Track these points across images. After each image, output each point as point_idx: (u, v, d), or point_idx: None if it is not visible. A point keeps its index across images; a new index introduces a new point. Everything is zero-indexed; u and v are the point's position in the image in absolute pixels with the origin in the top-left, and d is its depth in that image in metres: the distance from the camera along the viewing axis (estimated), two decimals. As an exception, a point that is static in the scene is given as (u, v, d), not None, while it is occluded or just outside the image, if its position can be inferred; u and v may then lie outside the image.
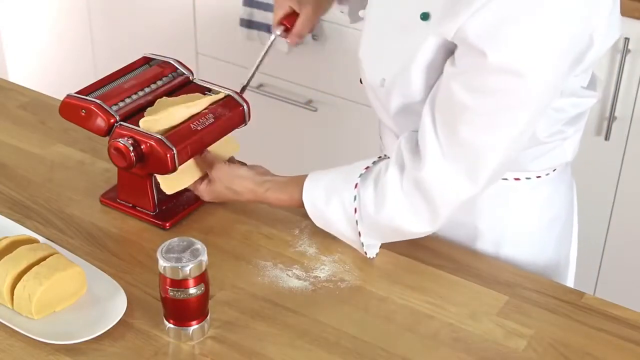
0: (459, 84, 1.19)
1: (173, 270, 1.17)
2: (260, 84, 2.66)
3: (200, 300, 1.21)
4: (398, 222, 1.30)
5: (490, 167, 1.24)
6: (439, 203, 1.26)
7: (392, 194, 1.29)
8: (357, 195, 1.32)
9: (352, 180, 1.34)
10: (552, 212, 1.47)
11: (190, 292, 1.19)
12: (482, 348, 1.23)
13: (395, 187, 1.28)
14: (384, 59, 1.33)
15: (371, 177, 1.33)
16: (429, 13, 1.23)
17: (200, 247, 1.20)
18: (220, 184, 1.45)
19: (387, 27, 1.33)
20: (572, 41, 1.18)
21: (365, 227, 1.33)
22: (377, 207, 1.30)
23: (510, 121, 1.20)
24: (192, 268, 1.18)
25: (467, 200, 1.27)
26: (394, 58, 1.30)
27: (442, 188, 1.25)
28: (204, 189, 1.47)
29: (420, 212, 1.28)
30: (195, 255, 1.19)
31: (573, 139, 1.38)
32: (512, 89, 1.17)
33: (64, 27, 3.22)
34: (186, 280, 1.18)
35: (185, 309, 1.21)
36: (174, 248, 1.19)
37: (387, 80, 1.31)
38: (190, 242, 1.21)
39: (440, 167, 1.24)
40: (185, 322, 1.22)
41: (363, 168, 1.35)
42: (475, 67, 1.17)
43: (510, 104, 1.19)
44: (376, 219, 1.31)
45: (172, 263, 1.17)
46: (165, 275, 1.18)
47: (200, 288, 1.20)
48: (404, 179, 1.28)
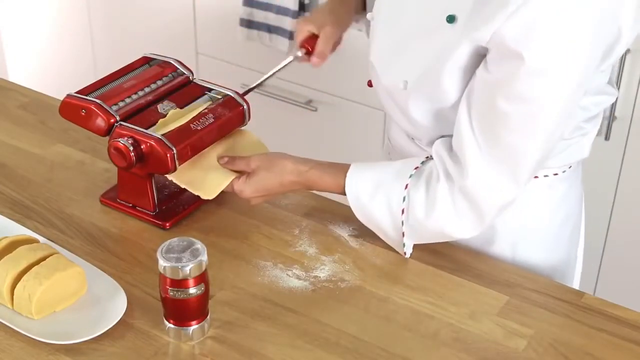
0: (497, 92, 1.19)
1: (173, 270, 1.17)
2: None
3: (200, 300, 1.21)
4: (445, 228, 1.31)
5: (530, 167, 1.25)
6: (485, 208, 1.27)
7: (442, 202, 1.29)
8: (406, 196, 1.32)
9: (402, 179, 1.33)
10: (566, 211, 1.47)
11: (190, 292, 1.19)
12: (482, 348, 1.23)
13: (445, 196, 1.28)
14: (405, 62, 1.32)
15: (422, 179, 1.32)
16: (455, 16, 1.23)
17: (200, 247, 1.20)
18: (260, 172, 1.41)
19: (405, 29, 1.32)
20: (603, 35, 1.18)
21: (409, 229, 1.33)
22: (427, 213, 1.30)
23: (547, 121, 1.21)
24: (192, 268, 1.18)
25: (511, 202, 1.29)
26: (416, 61, 1.29)
27: (487, 193, 1.26)
28: (244, 183, 1.42)
29: (467, 217, 1.29)
30: (195, 255, 1.19)
31: (590, 135, 1.39)
32: (550, 90, 1.18)
33: (64, 27, 3.22)
34: (186, 280, 1.18)
35: (185, 309, 1.21)
36: (174, 248, 1.19)
37: (409, 83, 1.31)
38: (190, 242, 1.21)
39: (484, 173, 1.25)
40: (185, 322, 1.22)
41: (413, 168, 1.34)
42: (513, 72, 1.17)
43: (548, 104, 1.19)
44: (424, 223, 1.31)
45: (172, 263, 1.17)
46: (165, 275, 1.18)
47: (200, 288, 1.20)
48: (454, 189, 1.28)
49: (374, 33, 1.39)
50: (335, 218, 1.48)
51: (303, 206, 1.51)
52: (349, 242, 1.43)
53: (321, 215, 1.48)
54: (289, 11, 2.47)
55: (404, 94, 1.32)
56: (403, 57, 1.32)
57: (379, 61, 1.37)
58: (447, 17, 1.24)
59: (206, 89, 1.53)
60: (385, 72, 1.36)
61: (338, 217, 1.48)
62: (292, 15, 2.47)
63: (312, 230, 1.45)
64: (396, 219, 1.34)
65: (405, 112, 1.36)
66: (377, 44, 1.38)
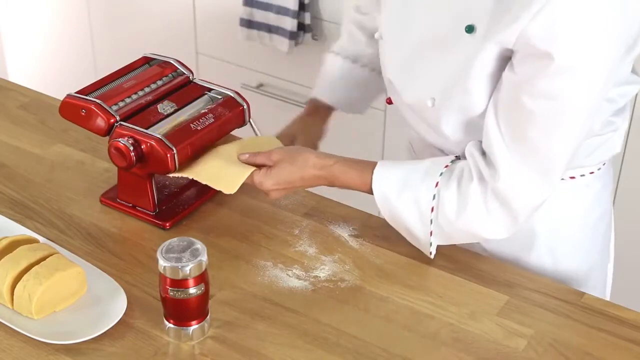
0: (523, 91, 1.19)
1: (173, 270, 1.17)
2: (260, 83, 2.66)
3: (200, 300, 1.21)
4: (475, 228, 1.30)
5: (561, 165, 1.25)
6: (518, 209, 1.27)
7: (474, 202, 1.27)
8: (436, 194, 1.30)
9: (432, 177, 1.31)
10: (600, 209, 1.48)
11: (190, 292, 1.19)
12: (482, 348, 1.23)
13: (477, 196, 1.27)
14: (427, 78, 1.31)
15: (453, 178, 1.30)
16: (474, 25, 1.23)
17: (200, 247, 1.20)
18: (282, 164, 1.38)
19: (420, 44, 1.31)
20: (627, 28, 1.18)
21: (438, 228, 1.32)
22: (458, 212, 1.29)
23: (575, 117, 1.21)
24: (192, 268, 1.18)
25: (543, 201, 1.28)
26: (440, 76, 1.29)
27: (519, 194, 1.26)
28: (264, 175, 1.38)
29: (499, 218, 1.28)
30: (195, 255, 1.19)
31: (621, 130, 1.40)
32: (577, 86, 1.18)
33: (64, 27, 3.22)
34: (186, 280, 1.18)
35: (185, 309, 1.21)
36: (174, 248, 1.19)
37: (437, 100, 1.30)
38: (190, 242, 1.21)
39: (515, 173, 1.24)
40: (185, 322, 1.22)
41: (443, 166, 1.32)
42: (539, 71, 1.17)
43: (575, 101, 1.19)
44: (454, 223, 1.30)
45: (172, 263, 1.17)
46: (165, 275, 1.18)
47: (200, 288, 1.20)
48: (487, 190, 1.27)
49: (385, 51, 1.39)
50: (335, 218, 1.48)
51: (303, 206, 1.51)
52: (349, 242, 1.43)
53: (321, 215, 1.48)
54: (289, 11, 2.47)
55: (433, 111, 1.31)
56: (424, 73, 1.31)
57: (397, 79, 1.36)
58: (465, 27, 1.23)
59: (206, 89, 1.53)
60: (407, 89, 1.35)
61: (338, 217, 1.48)
62: (292, 15, 2.47)
63: (312, 230, 1.45)
64: (425, 217, 1.31)
65: (436, 128, 1.34)
66: (392, 62, 1.37)
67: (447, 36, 1.26)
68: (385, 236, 1.43)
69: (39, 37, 3.33)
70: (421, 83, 1.32)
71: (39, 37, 3.33)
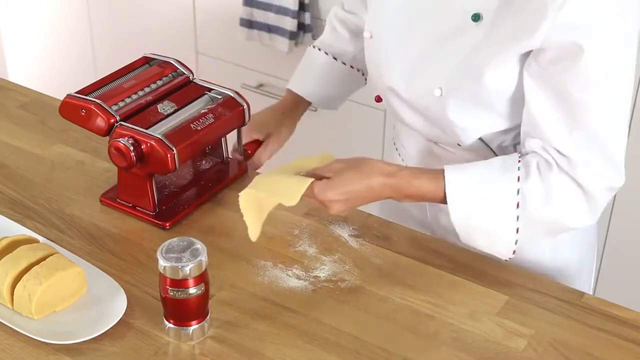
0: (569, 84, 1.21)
1: (173, 270, 1.17)
2: (260, 83, 2.66)
3: (200, 300, 1.21)
4: (562, 218, 1.29)
5: (623, 145, 1.26)
6: (597, 196, 1.27)
7: (559, 192, 1.26)
8: (520, 188, 1.27)
9: (511, 172, 1.27)
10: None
11: (190, 292, 1.19)
12: (482, 348, 1.23)
13: (562, 186, 1.26)
14: (434, 69, 1.31)
15: (533, 170, 1.27)
16: (480, 14, 1.24)
17: (200, 247, 1.20)
18: (346, 172, 1.29)
19: (425, 36, 1.31)
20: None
21: (524, 223, 1.28)
22: (545, 204, 1.26)
23: (623, 98, 1.23)
24: (192, 268, 1.18)
25: (619, 185, 1.28)
26: (446, 65, 1.29)
27: (595, 181, 1.26)
28: (326, 184, 1.28)
29: (583, 206, 1.27)
30: (195, 255, 1.19)
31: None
32: (617, 68, 1.20)
33: (64, 27, 3.22)
34: (186, 280, 1.18)
35: (185, 309, 1.21)
36: (174, 248, 1.19)
37: (444, 89, 1.29)
38: (190, 242, 1.21)
39: (586, 162, 1.25)
40: (185, 322, 1.22)
41: (517, 161, 1.29)
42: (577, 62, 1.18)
43: (620, 82, 1.21)
44: (541, 215, 1.27)
45: (172, 263, 1.17)
46: (165, 275, 1.18)
47: (200, 288, 1.20)
48: (569, 179, 1.26)
49: (380, 48, 1.38)
50: (335, 218, 1.48)
51: (303, 206, 1.50)
52: (349, 242, 1.43)
53: (321, 215, 1.48)
54: (289, 11, 2.47)
55: (439, 101, 1.31)
56: (430, 65, 1.32)
57: (397, 75, 1.36)
58: (472, 16, 1.25)
59: (206, 89, 1.53)
60: (411, 83, 1.34)
61: (338, 217, 1.48)
62: (292, 15, 2.47)
63: (312, 230, 1.45)
64: (510, 213, 1.26)
65: (441, 119, 1.34)
66: (391, 57, 1.37)
67: (454, 26, 1.27)
68: (385, 236, 1.43)
69: (39, 37, 3.33)
70: (427, 75, 1.32)
71: (39, 37, 3.33)
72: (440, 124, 1.36)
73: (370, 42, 1.41)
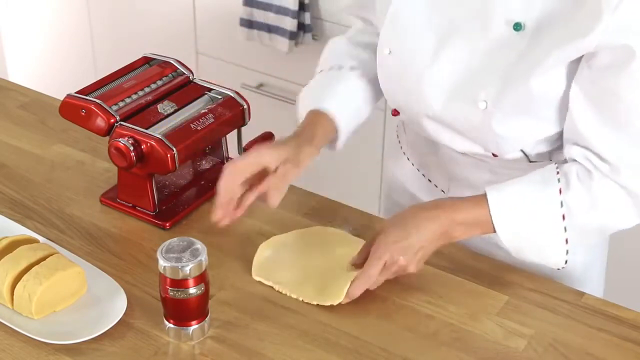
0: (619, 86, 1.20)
1: (173, 270, 1.17)
2: (260, 83, 2.66)
3: (200, 300, 1.21)
4: (610, 222, 1.29)
5: None
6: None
7: (603, 197, 1.26)
8: (563, 201, 1.27)
9: (551, 185, 1.27)
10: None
11: (190, 292, 1.19)
12: (482, 348, 1.23)
13: (605, 191, 1.26)
14: (476, 84, 1.28)
15: (573, 180, 1.27)
16: (522, 23, 1.23)
17: (200, 247, 1.20)
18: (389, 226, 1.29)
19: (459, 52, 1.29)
20: None
21: (572, 232, 1.28)
22: (590, 211, 1.27)
23: None
24: (192, 268, 1.18)
25: None
26: (491, 79, 1.27)
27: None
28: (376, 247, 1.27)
29: (629, 208, 1.27)
30: (195, 255, 1.18)
31: None
32: None
33: (64, 27, 3.22)
34: (186, 280, 1.18)
35: (185, 308, 1.21)
36: (174, 248, 1.19)
37: (489, 102, 1.27)
38: (190, 242, 1.21)
39: (631, 165, 1.25)
40: (185, 322, 1.22)
41: (555, 172, 1.29)
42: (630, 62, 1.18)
43: None
44: (588, 223, 1.28)
45: (172, 263, 1.17)
46: (165, 275, 1.18)
47: (200, 288, 1.20)
48: (611, 184, 1.26)
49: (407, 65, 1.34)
50: (335, 218, 1.48)
51: (303, 206, 1.51)
52: (349, 242, 1.43)
53: (321, 215, 1.48)
54: (289, 11, 2.47)
55: (484, 115, 1.29)
56: (472, 79, 1.29)
57: (434, 91, 1.32)
58: (513, 25, 1.23)
59: (206, 89, 1.53)
60: (451, 99, 1.31)
61: (338, 217, 1.48)
62: (292, 15, 2.47)
63: (312, 230, 1.45)
64: (557, 227, 1.27)
65: (482, 132, 1.32)
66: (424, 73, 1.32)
67: (495, 38, 1.26)
68: (385, 236, 1.43)
69: (39, 37, 3.33)
70: (470, 90, 1.29)
71: (39, 37, 3.33)
72: (480, 136, 1.34)
73: (389, 58, 1.37)
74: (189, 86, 1.53)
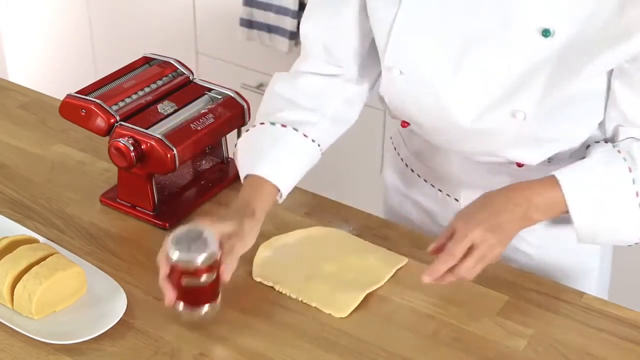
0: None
1: (184, 262, 1.19)
2: (260, 83, 2.66)
3: (211, 286, 1.22)
4: None
5: None
6: None
7: None
8: (634, 178, 1.25)
9: (618, 164, 1.26)
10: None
11: (202, 280, 1.20)
12: (482, 348, 1.23)
13: None
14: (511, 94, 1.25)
15: (637, 157, 1.26)
16: (551, 29, 1.20)
17: (210, 237, 1.20)
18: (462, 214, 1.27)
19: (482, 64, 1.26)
20: None
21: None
22: None
23: None
24: (204, 258, 1.19)
25: None
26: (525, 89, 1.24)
27: None
28: (475, 224, 1.22)
29: None
30: (206, 245, 1.19)
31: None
32: None
33: (64, 27, 3.22)
34: (198, 269, 1.19)
35: (197, 294, 1.22)
36: (184, 237, 1.20)
37: (528, 114, 1.25)
38: (200, 231, 1.21)
39: None
40: (197, 305, 1.23)
41: (617, 151, 1.28)
42: None
43: None
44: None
45: (184, 254, 1.18)
46: (176, 265, 1.19)
47: (211, 276, 1.21)
48: None
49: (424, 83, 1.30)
50: (335, 218, 1.48)
51: (303, 206, 1.51)
52: (349, 242, 1.43)
53: (321, 215, 1.48)
54: (289, 11, 2.47)
55: (521, 124, 1.27)
56: (504, 90, 1.26)
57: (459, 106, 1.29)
58: (542, 31, 1.20)
59: (206, 89, 1.53)
60: (481, 113, 1.28)
61: (338, 217, 1.48)
62: (292, 15, 2.47)
63: (312, 230, 1.45)
64: (632, 205, 1.25)
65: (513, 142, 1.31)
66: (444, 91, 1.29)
67: (521, 46, 1.23)
68: (385, 236, 1.43)
69: (39, 37, 3.33)
70: (502, 102, 1.27)
71: (39, 37, 3.33)
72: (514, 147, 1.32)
73: (401, 78, 1.32)
74: (189, 86, 1.53)
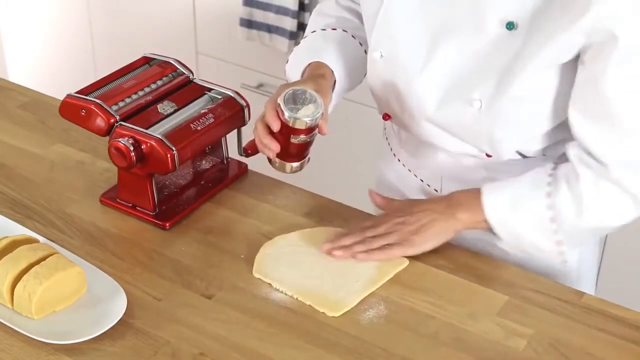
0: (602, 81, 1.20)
1: (293, 120, 1.29)
2: (260, 83, 2.66)
3: (307, 145, 1.35)
4: (602, 220, 1.30)
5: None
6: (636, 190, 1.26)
7: (588, 197, 1.27)
8: (551, 204, 1.29)
9: (540, 188, 1.30)
10: None
11: (301, 137, 1.32)
12: (482, 348, 1.23)
13: (591, 191, 1.27)
14: (470, 85, 1.29)
15: (561, 183, 1.29)
16: (515, 22, 1.22)
17: (317, 97, 1.30)
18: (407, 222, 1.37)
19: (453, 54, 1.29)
20: None
21: (564, 234, 1.31)
22: (579, 213, 1.28)
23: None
24: (318, 115, 1.29)
25: None
26: (485, 79, 1.28)
27: (633, 177, 1.26)
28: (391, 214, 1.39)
29: (622, 204, 1.28)
30: (316, 104, 1.30)
31: None
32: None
33: (64, 27, 3.22)
34: (310, 127, 1.30)
35: (298, 150, 1.35)
36: (297, 98, 1.30)
37: (484, 102, 1.29)
38: (305, 91, 1.30)
39: (622, 162, 1.25)
40: (290, 159, 1.36)
41: (547, 175, 1.31)
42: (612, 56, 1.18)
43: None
44: (578, 225, 1.29)
45: (293, 113, 1.29)
46: (286, 122, 1.29)
47: (311, 137, 1.33)
48: (600, 181, 1.26)
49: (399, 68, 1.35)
50: (335, 218, 1.48)
51: (303, 206, 1.51)
52: (349, 242, 1.43)
53: (321, 215, 1.48)
54: (289, 11, 2.47)
55: (478, 114, 1.30)
56: (466, 80, 1.30)
57: (428, 94, 1.33)
58: (506, 24, 1.23)
59: (206, 89, 1.53)
60: (445, 101, 1.32)
61: (338, 217, 1.48)
62: (292, 15, 2.47)
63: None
64: (547, 229, 1.31)
65: (478, 133, 1.33)
66: (417, 77, 1.33)
67: (488, 38, 1.25)
68: (385, 236, 1.43)
69: (39, 37, 3.33)
70: (464, 91, 1.30)
71: (39, 37, 3.33)
72: (474, 137, 1.35)
73: (381, 62, 1.37)
74: (189, 86, 1.53)
